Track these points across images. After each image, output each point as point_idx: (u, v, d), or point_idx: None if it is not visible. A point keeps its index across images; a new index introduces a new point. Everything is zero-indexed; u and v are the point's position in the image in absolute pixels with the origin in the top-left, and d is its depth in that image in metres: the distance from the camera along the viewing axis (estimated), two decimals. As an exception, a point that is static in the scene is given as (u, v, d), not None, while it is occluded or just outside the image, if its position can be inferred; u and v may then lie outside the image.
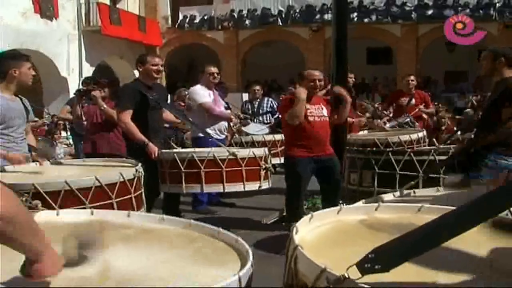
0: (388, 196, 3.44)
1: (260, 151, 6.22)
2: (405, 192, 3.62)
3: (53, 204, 3.49)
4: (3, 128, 5.02)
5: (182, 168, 5.84)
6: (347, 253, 1.62)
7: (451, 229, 1.59)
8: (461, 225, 1.60)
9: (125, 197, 4.02)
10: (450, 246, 1.85)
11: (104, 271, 1.91)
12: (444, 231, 1.59)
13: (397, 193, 3.56)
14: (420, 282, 1.71)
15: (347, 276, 1.50)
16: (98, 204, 3.71)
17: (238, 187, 6.01)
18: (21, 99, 5.33)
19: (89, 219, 2.60)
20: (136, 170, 4.17)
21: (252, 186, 6.11)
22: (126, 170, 4.13)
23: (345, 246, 2.02)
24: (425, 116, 9.77)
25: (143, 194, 4.28)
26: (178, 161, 5.85)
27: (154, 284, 1.81)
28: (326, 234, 2.22)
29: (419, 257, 1.59)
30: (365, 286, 1.48)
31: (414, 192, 3.64)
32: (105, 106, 7.65)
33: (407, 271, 1.69)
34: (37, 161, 4.92)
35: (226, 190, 6.11)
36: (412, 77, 9.74)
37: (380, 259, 1.53)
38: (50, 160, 5.25)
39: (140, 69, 6.44)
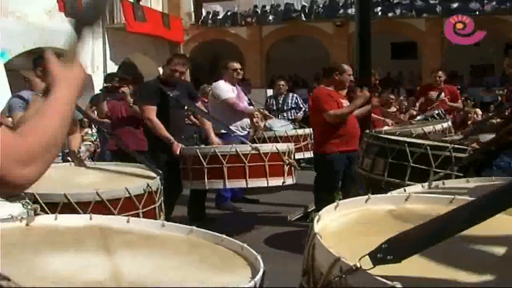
0: (416, 187, 3.36)
1: (283, 146, 6.15)
2: (434, 183, 3.54)
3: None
4: None
5: (205, 164, 5.80)
6: (369, 243, 1.59)
7: (466, 220, 1.56)
8: (476, 216, 1.56)
9: (150, 207, 3.96)
10: (470, 237, 1.82)
11: (116, 275, 1.90)
12: (458, 222, 1.56)
13: (426, 184, 3.49)
14: (435, 277, 1.67)
15: (359, 266, 1.49)
16: (125, 214, 3.59)
17: (261, 182, 5.93)
18: None
19: (88, 224, 2.54)
20: (148, 185, 3.95)
21: (276, 181, 6.01)
22: (136, 185, 3.98)
23: (369, 236, 1.98)
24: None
25: (156, 208, 4.07)
26: (201, 157, 5.81)
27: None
28: (350, 223, 2.18)
29: (435, 249, 1.56)
30: (376, 276, 1.46)
31: (443, 183, 3.56)
32: None
33: (421, 264, 1.67)
34: (72, 161, 4.88)
35: (249, 186, 6.05)
36: (440, 73, 9.73)
37: (392, 249, 1.51)
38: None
39: (165, 68, 6.53)
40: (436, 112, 8.93)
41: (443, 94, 9.46)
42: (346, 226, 2.13)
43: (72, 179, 4.34)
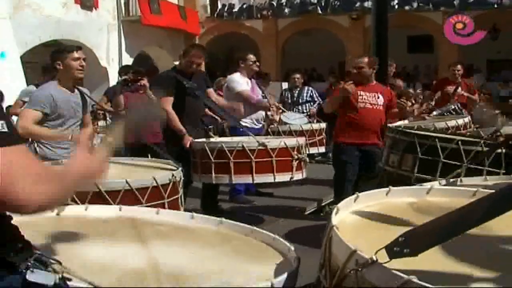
0: (434, 185, 3.32)
1: (292, 141, 6.09)
2: (451, 180, 3.50)
3: (112, 202, 3.51)
4: (57, 124, 4.96)
5: (212, 158, 5.80)
6: (388, 236, 1.56)
7: (485, 213, 1.52)
8: (496, 209, 1.52)
9: (174, 197, 4.01)
10: (488, 230, 1.78)
11: (154, 265, 1.90)
12: (477, 215, 1.52)
13: (443, 182, 3.44)
14: (452, 271, 1.63)
15: (375, 259, 1.47)
16: (152, 203, 3.71)
17: (268, 178, 5.90)
18: (80, 93, 5.29)
19: (119, 215, 2.56)
20: (173, 175, 4.04)
21: (283, 177, 5.96)
22: (161, 174, 4.06)
23: (388, 229, 1.95)
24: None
25: (179, 199, 4.14)
26: (208, 151, 5.82)
27: (208, 277, 1.79)
28: (370, 215, 2.15)
29: (452, 242, 1.53)
30: (392, 269, 1.43)
31: (461, 180, 3.51)
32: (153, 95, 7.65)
33: (437, 258, 1.65)
34: None
35: (255, 181, 6.07)
36: (459, 66, 9.68)
37: (409, 243, 1.47)
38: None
39: (182, 59, 6.50)
40: (453, 107, 8.84)
41: (460, 88, 9.36)
42: (365, 219, 2.11)
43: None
